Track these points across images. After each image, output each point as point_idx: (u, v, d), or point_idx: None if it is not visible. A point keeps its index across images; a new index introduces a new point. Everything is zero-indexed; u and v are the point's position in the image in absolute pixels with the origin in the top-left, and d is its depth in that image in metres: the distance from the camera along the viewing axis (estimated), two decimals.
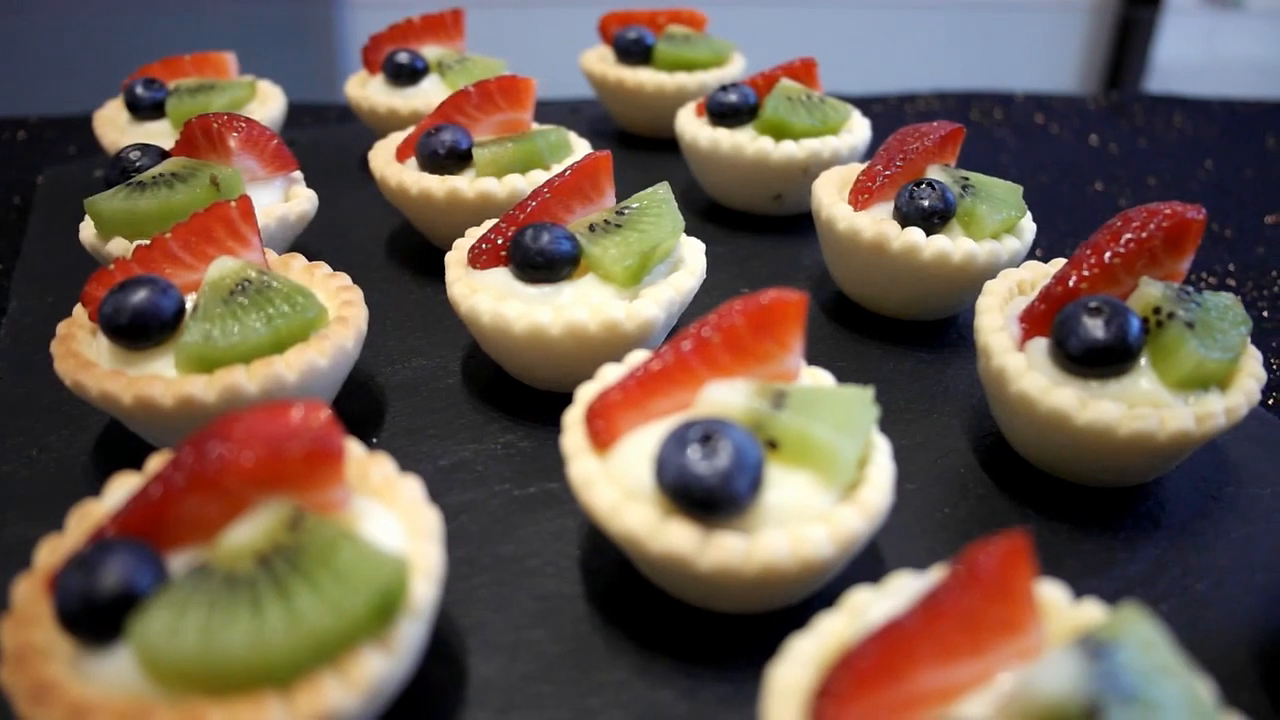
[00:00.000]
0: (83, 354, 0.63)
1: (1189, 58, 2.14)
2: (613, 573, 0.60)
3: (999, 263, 0.78)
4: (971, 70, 1.71)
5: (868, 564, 0.61)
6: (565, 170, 0.74)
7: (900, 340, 0.84)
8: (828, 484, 0.52)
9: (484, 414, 0.74)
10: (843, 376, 0.65)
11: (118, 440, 0.70)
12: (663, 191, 0.74)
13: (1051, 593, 0.47)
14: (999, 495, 0.68)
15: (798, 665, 0.44)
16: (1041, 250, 1.06)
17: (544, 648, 0.56)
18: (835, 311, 0.88)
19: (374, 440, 0.71)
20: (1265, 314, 0.98)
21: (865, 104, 1.41)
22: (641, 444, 0.54)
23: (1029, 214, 0.83)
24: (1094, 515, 0.67)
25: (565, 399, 0.61)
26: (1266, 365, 0.88)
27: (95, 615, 0.43)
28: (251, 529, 0.46)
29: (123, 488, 0.52)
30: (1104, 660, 0.39)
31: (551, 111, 1.26)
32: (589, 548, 0.62)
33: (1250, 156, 1.36)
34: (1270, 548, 0.65)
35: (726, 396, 0.54)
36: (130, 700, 0.42)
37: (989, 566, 0.42)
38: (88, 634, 0.43)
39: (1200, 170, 1.32)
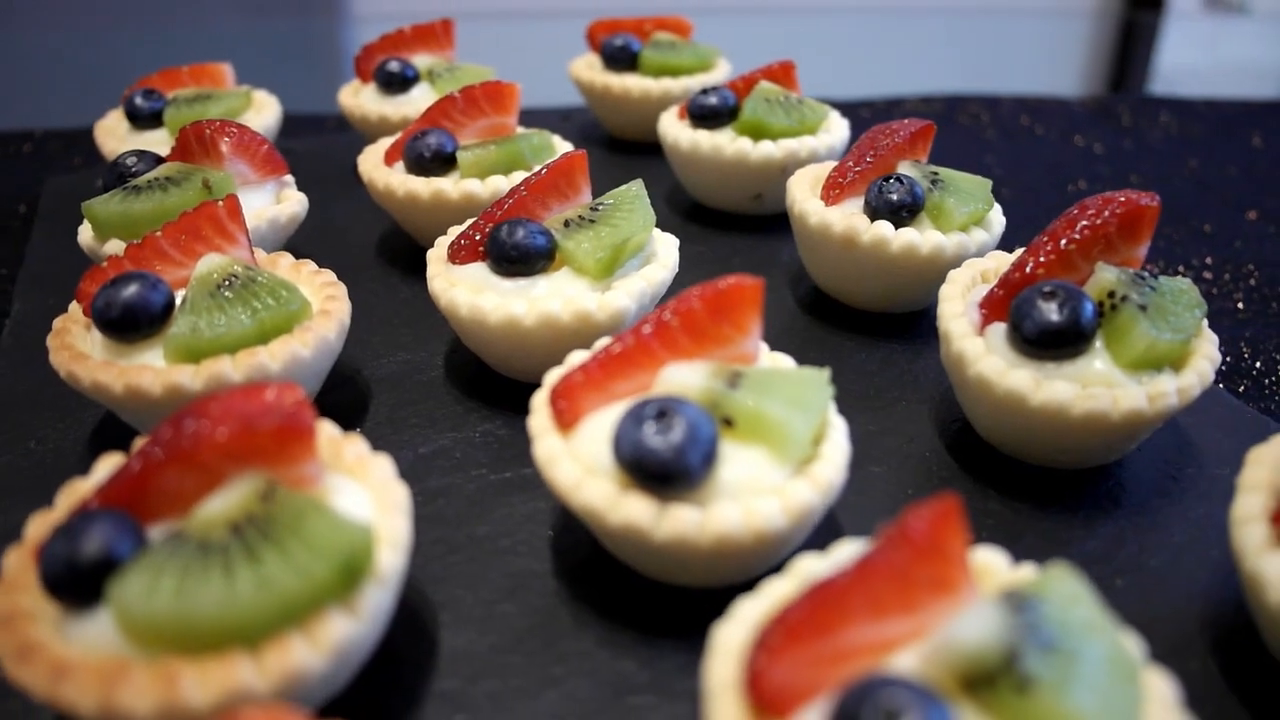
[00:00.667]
0: (76, 347, 0.66)
1: (1192, 62, 2.15)
2: (581, 552, 0.63)
3: (967, 254, 0.80)
4: (974, 76, 1.73)
5: (830, 542, 0.63)
6: (541, 169, 0.77)
7: (873, 332, 0.86)
8: (781, 459, 0.54)
9: (464, 405, 0.76)
10: (815, 366, 0.67)
11: (111, 432, 0.73)
12: (635, 188, 0.77)
13: (989, 556, 0.49)
14: (963, 477, 0.70)
15: (741, 625, 0.46)
16: (1020, 246, 1.07)
17: (513, 621, 0.58)
18: (810, 305, 0.90)
19: (358, 429, 0.74)
20: (1240, 305, 0.99)
21: (852, 108, 1.43)
22: (603, 423, 0.56)
23: (997, 207, 0.85)
24: (1055, 496, 0.68)
25: None
26: (1238, 353, 0.90)
27: (77, 579, 0.45)
28: (226, 500, 0.48)
29: (109, 465, 0.55)
30: (1026, 612, 0.41)
31: (542, 119, 1.28)
32: (559, 528, 0.65)
33: (1235, 155, 1.38)
34: (1227, 526, 0.66)
35: (684, 377, 0.56)
36: (109, 659, 0.44)
37: (920, 528, 0.44)
38: (70, 598, 0.46)
39: (1184, 169, 1.33)
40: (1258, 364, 0.89)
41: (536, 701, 0.54)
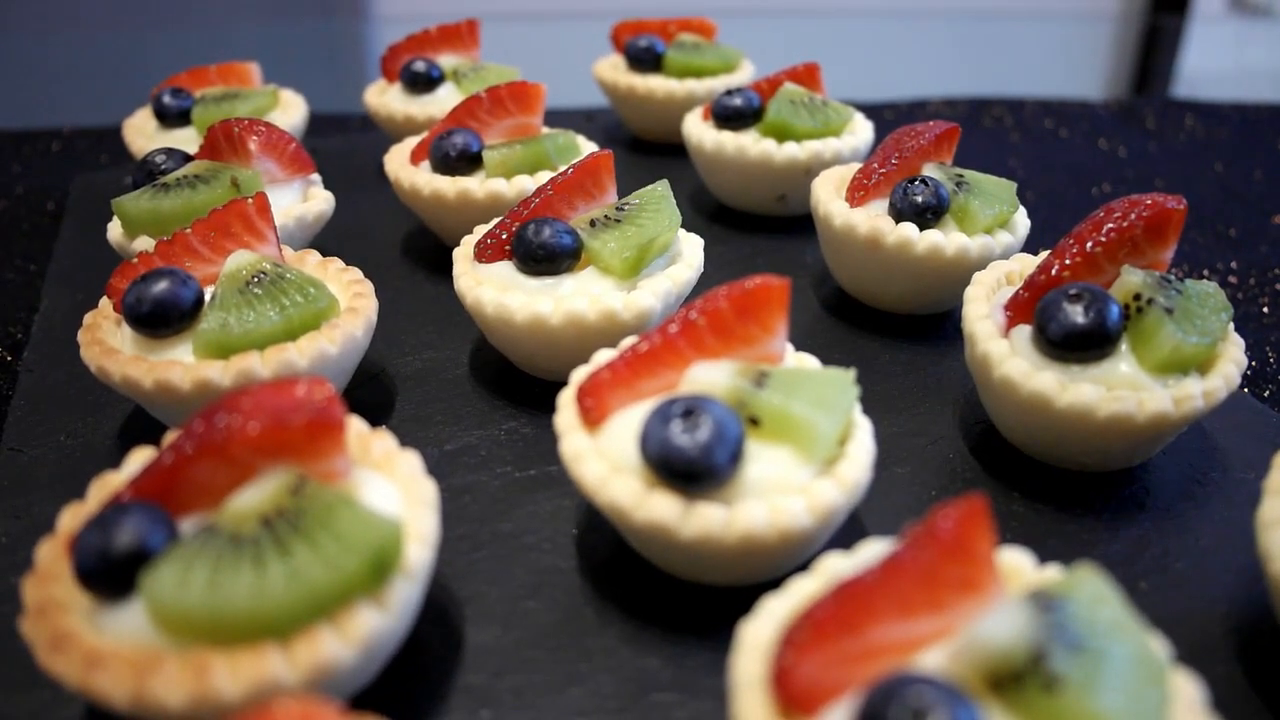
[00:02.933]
0: (107, 342, 0.67)
1: (1217, 65, 2.13)
2: (605, 549, 0.63)
3: (991, 256, 0.80)
4: (997, 79, 1.72)
5: (854, 542, 0.63)
6: (567, 169, 0.77)
7: (897, 334, 0.86)
8: (807, 459, 0.54)
9: (489, 402, 0.77)
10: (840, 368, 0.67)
11: (140, 426, 0.74)
12: (661, 188, 0.77)
13: (1015, 557, 0.49)
14: (986, 479, 0.70)
15: (768, 622, 0.46)
16: (1044, 249, 1.07)
17: (537, 617, 0.58)
18: (835, 307, 0.90)
19: (384, 426, 0.74)
20: (1266, 309, 0.99)
21: (876, 111, 1.43)
22: (629, 421, 0.56)
23: (1022, 209, 0.85)
24: (1079, 498, 0.68)
25: None
26: (1263, 358, 0.90)
27: (110, 570, 0.46)
28: (256, 494, 0.49)
29: (140, 459, 0.55)
30: (1053, 612, 0.41)
31: (567, 120, 1.29)
32: (584, 526, 0.65)
33: (1261, 159, 1.37)
34: (1253, 530, 0.66)
35: (711, 376, 0.56)
36: (141, 650, 0.45)
37: (947, 527, 0.44)
38: (103, 588, 0.47)
39: (1209, 172, 1.33)
40: None
41: (560, 697, 0.54)
